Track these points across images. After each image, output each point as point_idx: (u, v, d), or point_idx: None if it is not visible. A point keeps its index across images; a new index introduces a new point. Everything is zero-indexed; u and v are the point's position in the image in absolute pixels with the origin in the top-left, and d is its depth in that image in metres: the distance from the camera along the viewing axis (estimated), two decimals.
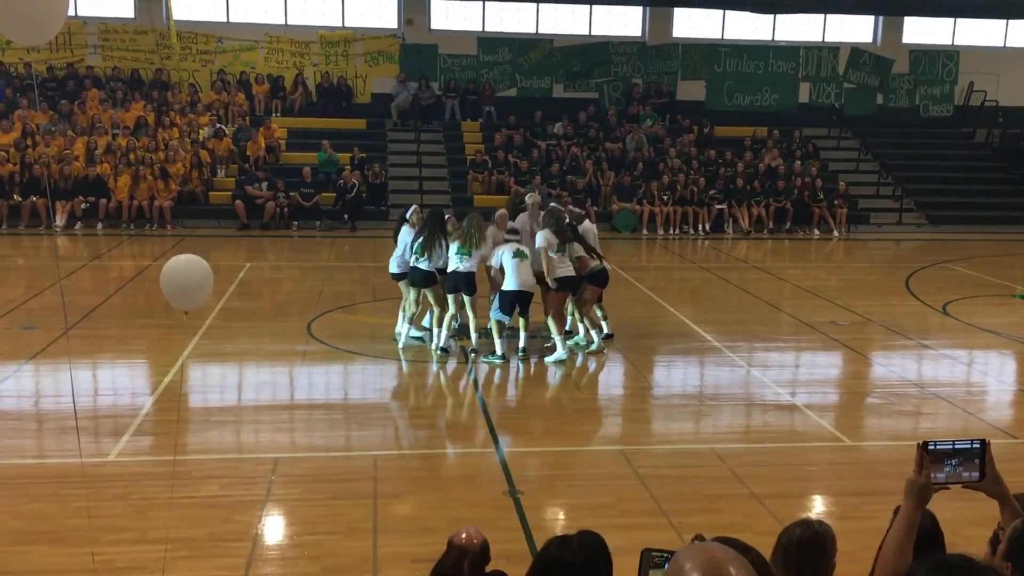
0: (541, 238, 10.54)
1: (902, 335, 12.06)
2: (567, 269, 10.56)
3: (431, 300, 10.74)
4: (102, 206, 19.28)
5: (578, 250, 10.78)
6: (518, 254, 10.36)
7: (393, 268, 10.97)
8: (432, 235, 10.47)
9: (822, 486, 7.52)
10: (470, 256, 10.41)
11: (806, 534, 3.52)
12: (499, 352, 10.42)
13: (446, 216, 10.73)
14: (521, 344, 10.64)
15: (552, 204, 12.25)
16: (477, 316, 10.84)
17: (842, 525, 6.40)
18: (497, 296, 10.52)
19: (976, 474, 2.69)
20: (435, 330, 10.76)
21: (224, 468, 7.41)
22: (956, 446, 2.69)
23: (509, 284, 10.32)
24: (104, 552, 5.74)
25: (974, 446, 2.69)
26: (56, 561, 5.77)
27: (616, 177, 21.47)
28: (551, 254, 10.43)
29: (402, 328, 10.97)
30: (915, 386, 10.07)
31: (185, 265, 5.46)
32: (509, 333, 10.84)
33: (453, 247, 10.46)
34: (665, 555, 2.05)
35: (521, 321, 10.65)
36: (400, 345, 10.84)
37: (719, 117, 23.87)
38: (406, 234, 10.79)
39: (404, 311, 10.95)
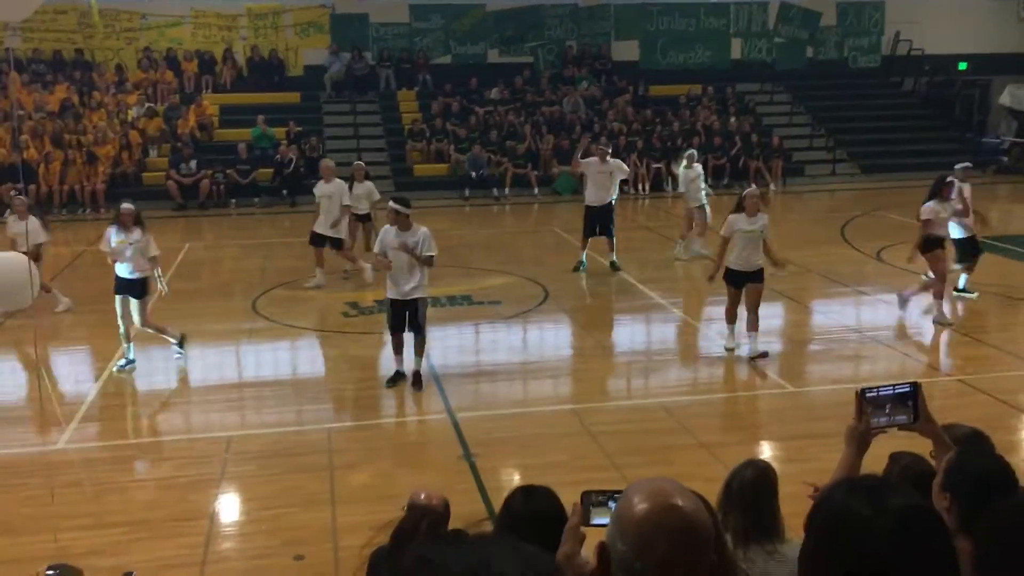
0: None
1: (839, 283, 12.36)
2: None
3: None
4: (31, 193, 18.76)
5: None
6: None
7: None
8: None
9: (767, 432, 7.74)
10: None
11: (753, 474, 3.67)
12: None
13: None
14: (410, 368, 8.68)
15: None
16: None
17: (787, 468, 6.61)
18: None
19: (911, 416, 2.83)
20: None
21: (176, 450, 7.38)
22: (892, 390, 2.82)
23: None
24: (61, 539, 5.70)
25: (907, 389, 2.82)
26: (12, 551, 5.72)
27: (555, 140, 21.49)
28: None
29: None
30: (854, 331, 10.35)
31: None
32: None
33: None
34: (605, 495, 2.12)
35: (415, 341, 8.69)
36: None
37: (654, 76, 23.99)
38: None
39: None
